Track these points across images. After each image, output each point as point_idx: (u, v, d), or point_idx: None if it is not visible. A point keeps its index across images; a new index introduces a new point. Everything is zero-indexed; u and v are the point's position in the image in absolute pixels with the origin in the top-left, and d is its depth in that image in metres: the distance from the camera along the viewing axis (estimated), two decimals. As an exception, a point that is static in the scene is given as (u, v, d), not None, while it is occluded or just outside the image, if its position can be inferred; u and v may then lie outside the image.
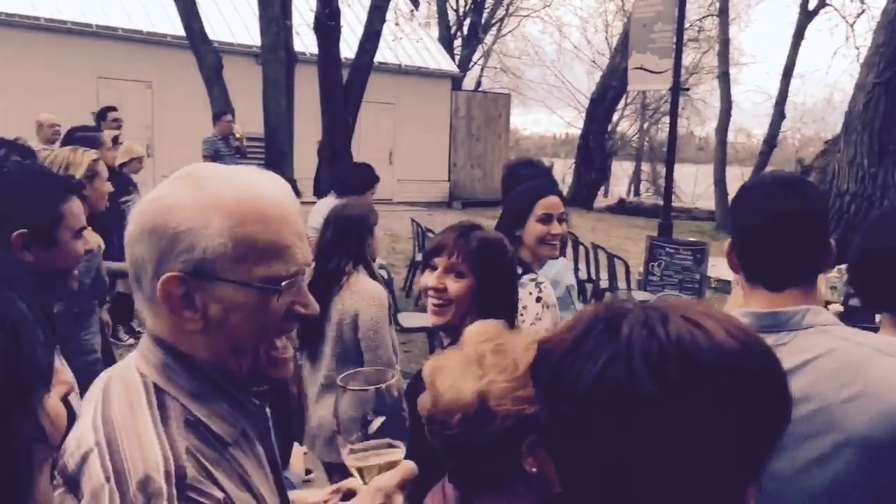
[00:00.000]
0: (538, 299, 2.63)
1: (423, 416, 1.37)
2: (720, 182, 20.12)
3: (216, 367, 1.10)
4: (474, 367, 1.33)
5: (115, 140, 7.70)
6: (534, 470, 1.31)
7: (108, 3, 15.39)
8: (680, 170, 19.37)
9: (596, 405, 0.80)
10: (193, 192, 1.06)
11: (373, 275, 3.36)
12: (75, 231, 1.96)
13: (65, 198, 1.95)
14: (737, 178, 19.83)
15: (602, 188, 26.02)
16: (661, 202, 14.92)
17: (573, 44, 35.27)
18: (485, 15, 27.96)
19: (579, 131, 24.94)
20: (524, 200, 2.89)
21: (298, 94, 11.03)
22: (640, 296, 7.84)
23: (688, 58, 22.87)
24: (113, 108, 8.51)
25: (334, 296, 3.22)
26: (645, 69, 11.13)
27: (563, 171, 24.52)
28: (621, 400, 0.78)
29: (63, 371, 0.72)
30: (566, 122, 34.96)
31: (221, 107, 10.31)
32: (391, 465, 1.16)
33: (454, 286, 2.02)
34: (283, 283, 1.07)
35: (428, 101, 19.28)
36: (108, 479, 0.97)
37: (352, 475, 1.21)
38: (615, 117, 26.57)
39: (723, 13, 21.55)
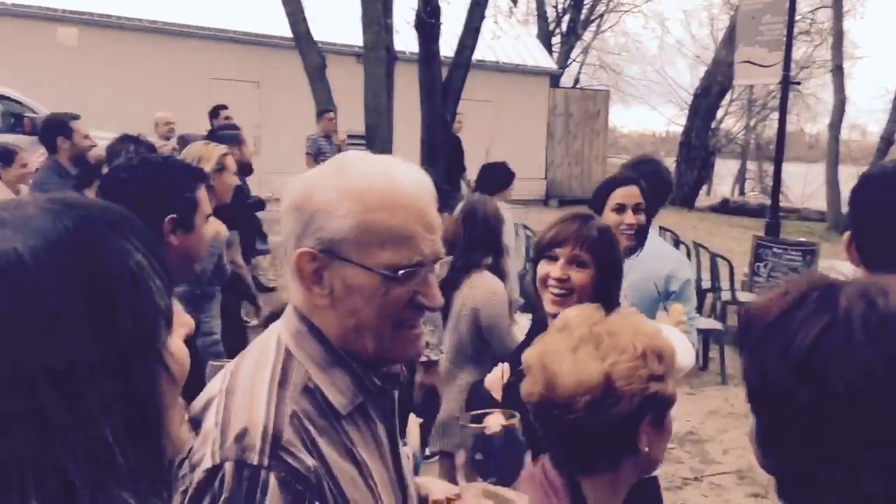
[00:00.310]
0: None
1: (531, 402, 1.37)
2: (832, 181, 19.14)
3: (342, 344, 1.17)
4: (590, 349, 1.34)
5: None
6: (646, 449, 1.32)
7: (221, 7, 16.06)
8: (788, 168, 18.57)
9: (809, 371, 0.82)
10: (334, 177, 1.15)
11: (501, 272, 3.43)
12: (205, 217, 2.13)
13: (198, 186, 2.11)
14: (850, 177, 18.75)
15: (704, 187, 25.25)
16: (767, 202, 14.35)
17: (676, 39, 34.34)
18: (584, 11, 27.60)
19: (681, 129, 24.29)
20: (601, 191, 2.91)
21: (398, 92, 11.22)
22: (745, 297, 7.59)
23: (798, 51, 21.86)
24: (224, 107, 8.89)
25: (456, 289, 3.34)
26: (752, 63, 10.73)
27: (664, 169, 23.88)
28: (837, 367, 0.80)
29: (182, 314, 0.77)
30: (667, 119, 34.13)
31: (324, 105, 10.60)
32: None
33: (577, 276, 2.06)
34: (402, 272, 1.12)
35: (526, 98, 19.22)
36: (216, 425, 1.07)
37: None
38: (719, 114, 25.72)
39: (836, 4, 20.53)
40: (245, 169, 4.97)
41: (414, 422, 1.86)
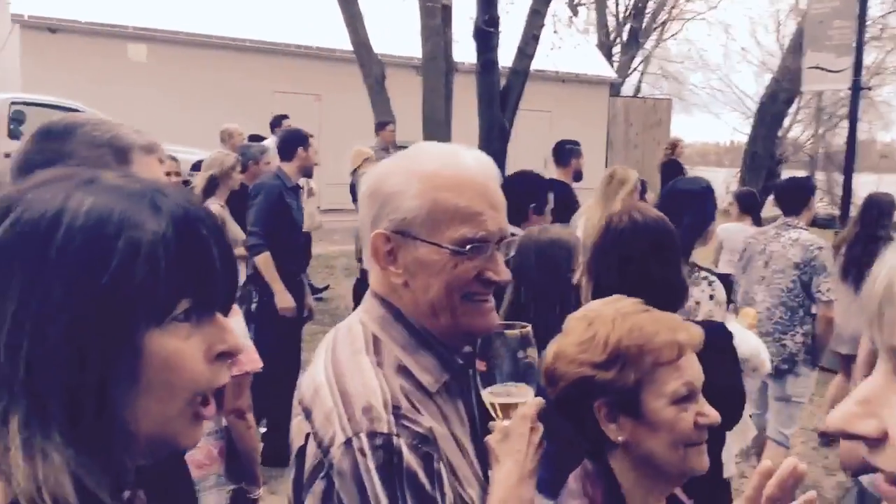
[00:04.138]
0: (711, 297, 2.77)
1: None
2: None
3: (421, 323, 1.24)
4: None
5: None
6: (619, 438, 1.36)
7: (282, 22, 16.41)
8: (859, 179, 17.91)
9: None
10: (403, 163, 1.25)
11: None
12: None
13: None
14: (926, 186, 17.99)
15: (770, 198, 24.57)
16: (836, 212, 13.87)
17: (741, 46, 33.59)
18: (645, 20, 27.28)
19: (746, 138, 23.72)
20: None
21: (456, 102, 11.24)
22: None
23: (868, 57, 21.06)
24: (285, 117, 9.09)
25: None
26: (821, 68, 10.41)
27: (728, 180, 23.36)
28: None
29: (231, 334, 0.79)
30: (732, 127, 33.40)
31: (383, 117, 10.68)
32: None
33: None
34: (469, 247, 1.19)
35: (585, 107, 19.07)
36: (335, 405, 1.14)
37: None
38: (786, 122, 25.06)
39: (911, 7, 19.80)
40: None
41: None
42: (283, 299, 4.85)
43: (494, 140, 10.35)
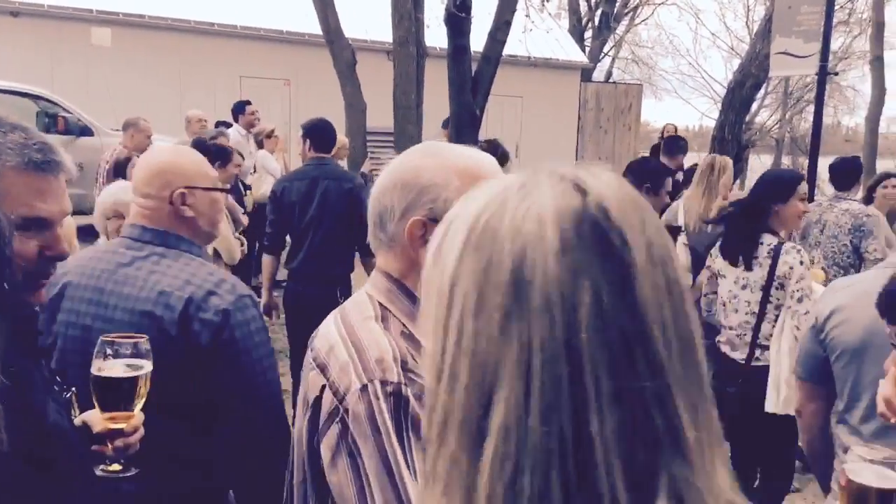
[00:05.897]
0: (801, 262, 3.38)
1: None
2: (869, 175, 18.70)
3: None
4: None
5: (271, 133, 8.12)
6: None
7: (250, 5, 16.14)
8: (824, 162, 18.17)
9: None
10: (436, 158, 1.40)
11: None
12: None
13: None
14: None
15: (737, 181, 24.84)
16: (804, 196, 14.04)
17: (710, 31, 33.78)
18: (617, 5, 27.29)
19: (713, 122, 23.91)
20: (791, 183, 3.57)
21: (427, 88, 11.17)
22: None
23: (836, 42, 21.34)
24: (248, 102, 8.90)
25: None
26: (789, 54, 10.49)
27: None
28: None
29: None
30: (701, 112, 33.68)
31: (354, 102, 10.55)
32: None
33: None
34: None
35: (556, 93, 19.07)
36: (350, 358, 1.29)
37: None
38: (754, 107, 25.25)
39: (877, -7, 20.03)
40: None
41: None
42: None
43: (466, 126, 10.30)
